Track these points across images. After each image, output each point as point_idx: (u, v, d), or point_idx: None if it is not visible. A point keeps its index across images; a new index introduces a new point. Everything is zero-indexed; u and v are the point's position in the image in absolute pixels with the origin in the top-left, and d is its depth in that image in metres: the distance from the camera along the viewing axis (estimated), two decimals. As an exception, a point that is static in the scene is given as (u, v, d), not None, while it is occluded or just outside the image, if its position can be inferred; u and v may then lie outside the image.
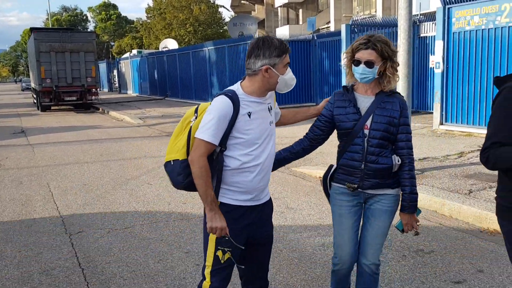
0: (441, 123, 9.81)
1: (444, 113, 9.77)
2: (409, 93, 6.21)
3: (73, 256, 4.21)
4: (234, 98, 2.35)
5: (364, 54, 2.50)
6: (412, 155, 2.59)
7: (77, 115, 19.18)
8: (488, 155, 2.00)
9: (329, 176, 2.71)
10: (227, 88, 2.44)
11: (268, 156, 2.48)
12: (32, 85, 24.57)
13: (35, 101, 23.15)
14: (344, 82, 2.74)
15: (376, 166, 2.53)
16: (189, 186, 2.41)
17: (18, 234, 4.85)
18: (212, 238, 2.44)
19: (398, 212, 2.66)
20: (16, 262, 4.12)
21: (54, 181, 7.15)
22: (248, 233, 2.51)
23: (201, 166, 2.30)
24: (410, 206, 2.57)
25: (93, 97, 20.96)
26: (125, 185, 6.74)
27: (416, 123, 10.79)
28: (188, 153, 2.39)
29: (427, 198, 5.24)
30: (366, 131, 2.53)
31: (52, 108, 21.43)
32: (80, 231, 4.88)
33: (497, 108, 2.03)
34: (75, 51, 20.14)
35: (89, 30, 70.74)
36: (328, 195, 2.76)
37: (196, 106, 2.51)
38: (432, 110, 10.42)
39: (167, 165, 2.50)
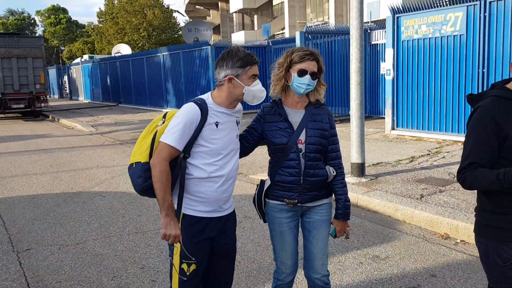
0: (393, 128, 10.11)
1: (395, 118, 10.07)
2: (362, 100, 6.34)
3: (21, 276, 3.99)
4: (202, 106, 2.38)
5: (310, 65, 2.51)
6: (342, 165, 2.68)
7: (26, 123, 18.39)
8: (465, 176, 2.03)
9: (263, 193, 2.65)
10: (198, 97, 2.48)
11: (233, 168, 2.50)
12: (-24, 92, 23.35)
13: (-22, 109, 22.00)
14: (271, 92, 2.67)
15: (315, 179, 2.56)
16: (147, 190, 2.42)
17: (-41, 254, 4.56)
18: (177, 251, 2.43)
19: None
20: (-43, 285, 3.86)
21: (-1, 195, 6.79)
22: (212, 245, 2.51)
23: (161, 170, 2.31)
24: (345, 213, 2.65)
25: (42, 104, 20.20)
26: (76, 198, 6.49)
27: (369, 128, 11.06)
28: (150, 156, 2.40)
29: (381, 204, 5.36)
30: (301, 146, 2.54)
31: (-2, 116, 20.49)
32: (28, 248, 4.64)
33: (471, 129, 2.06)
34: (22, 57, 19.37)
35: (37, 34, 68.16)
36: (263, 213, 2.70)
37: (165, 112, 2.55)
38: (384, 115, 10.72)
39: (130, 168, 2.50)
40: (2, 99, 19.07)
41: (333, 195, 2.69)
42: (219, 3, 50.94)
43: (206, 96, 2.47)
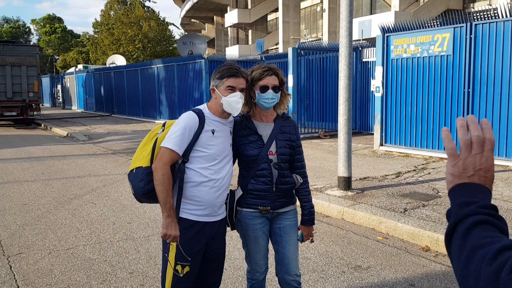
0: (381, 144, 10.32)
1: (384, 134, 10.29)
2: (349, 116, 6.53)
3: (11, 279, 4.07)
4: (200, 115, 2.58)
5: (270, 80, 2.68)
6: (307, 173, 2.90)
7: (18, 131, 18.39)
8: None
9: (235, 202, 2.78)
10: (196, 107, 2.68)
11: (227, 174, 2.67)
12: (-32, 98, 23.32)
13: (-30, 115, 21.96)
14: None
15: (285, 186, 2.75)
16: (149, 193, 2.55)
17: (-50, 257, 4.62)
18: (172, 254, 2.56)
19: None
20: None
21: (-9, 201, 6.85)
22: (205, 249, 2.65)
23: (164, 173, 2.46)
24: (311, 219, 2.86)
25: (35, 113, 20.21)
26: (67, 205, 6.58)
27: (358, 144, 11.27)
28: (152, 161, 2.55)
29: (366, 217, 5.51)
30: (271, 157, 2.71)
31: (-10, 123, 20.47)
32: (19, 252, 4.72)
33: None
34: (16, 65, 19.44)
35: (32, 43, 68.21)
36: (232, 222, 2.80)
37: (164, 122, 2.74)
38: (373, 131, 10.94)
39: (130, 174, 2.64)
40: (-5, 107, 19.09)
41: (299, 202, 2.89)
42: (215, 17, 51.51)
43: (203, 106, 2.67)
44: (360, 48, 13.66)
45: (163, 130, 2.64)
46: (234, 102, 2.56)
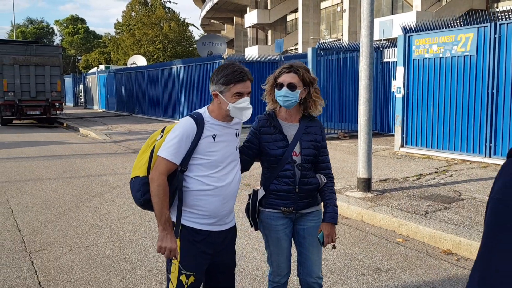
0: (402, 146, 10.18)
1: (404, 136, 10.15)
2: (370, 116, 6.46)
3: (33, 275, 4.14)
4: (198, 120, 2.41)
5: (287, 77, 2.63)
6: (332, 174, 2.83)
7: (40, 129, 18.74)
8: None
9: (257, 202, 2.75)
10: (195, 110, 2.52)
11: (233, 180, 2.49)
12: (-7, 98, 23.87)
13: (-4, 114, 22.46)
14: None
15: (308, 187, 2.70)
16: (145, 203, 2.45)
17: (-25, 252, 4.73)
18: (176, 263, 2.42)
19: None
20: (-28, 280, 4.02)
21: (14, 198, 6.98)
22: (211, 259, 2.51)
23: (159, 185, 2.33)
24: (334, 217, 2.72)
25: (58, 112, 20.57)
26: (88, 203, 6.67)
27: (378, 145, 11.14)
28: (149, 171, 2.42)
29: (386, 219, 5.44)
30: (295, 158, 2.66)
31: (14, 122, 20.88)
32: (41, 249, 4.80)
33: None
34: (40, 65, 19.80)
35: (55, 43, 69.51)
36: (255, 222, 2.78)
37: (163, 127, 2.58)
38: (394, 132, 10.80)
39: (130, 182, 2.56)
40: (19, 106, 19.49)
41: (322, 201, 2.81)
42: (234, 17, 51.69)
43: (203, 110, 2.50)
44: (381, 49, 13.52)
45: (161, 136, 2.49)
46: (244, 109, 2.41)
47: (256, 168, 2.88)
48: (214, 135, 2.42)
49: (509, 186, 0.92)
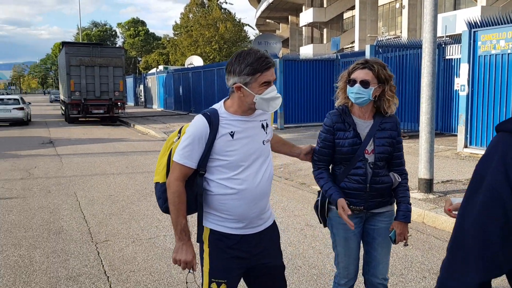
0: (466, 146, 9.73)
1: (468, 136, 9.69)
2: (432, 115, 6.23)
3: (99, 264, 4.35)
4: (211, 118, 2.17)
5: (360, 74, 2.51)
6: (406, 171, 2.70)
7: (104, 127, 19.64)
8: None
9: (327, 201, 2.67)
10: (211, 107, 2.29)
11: (262, 179, 2.23)
12: (61, 97, 25.31)
13: (63, 112, 23.82)
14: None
15: (380, 186, 2.58)
16: (168, 211, 2.27)
17: (46, 241, 5.03)
18: (206, 270, 2.23)
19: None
20: (44, 267, 4.28)
21: (81, 191, 7.37)
22: (248, 263, 2.28)
23: (174, 191, 2.15)
24: (407, 215, 2.61)
25: (120, 111, 21.45)
26: (149, 197, 6.91)
27: (440, 145, 10.72)
28: (167, 176, 2.24)
29: (448, 221, 5.22)
30: (367, 156, 2.54)
31: (80, 120, 22.00)
32: (105, 240, 5.04)
33: None
34: (104, 66, 20.75)
35: (118, 45, 72.58)
36: (324, 220, 2.73)
37: (181, 127, 2.36)
38: (457, 132, 10.35)
39: (155, 186, 2.39)
40: (84, 104, 20.53)
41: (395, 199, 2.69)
42: (289, 17, 51.59)
43: (219, 105, 2.25)
44: (443, 45, 12.99)
45: (178, 137, 2.27)
46: (272, 99, 2.15)
47: (309, 167, 2.86)
48: (232, 132, 2.17)
49: (485, 159, 1.09)
